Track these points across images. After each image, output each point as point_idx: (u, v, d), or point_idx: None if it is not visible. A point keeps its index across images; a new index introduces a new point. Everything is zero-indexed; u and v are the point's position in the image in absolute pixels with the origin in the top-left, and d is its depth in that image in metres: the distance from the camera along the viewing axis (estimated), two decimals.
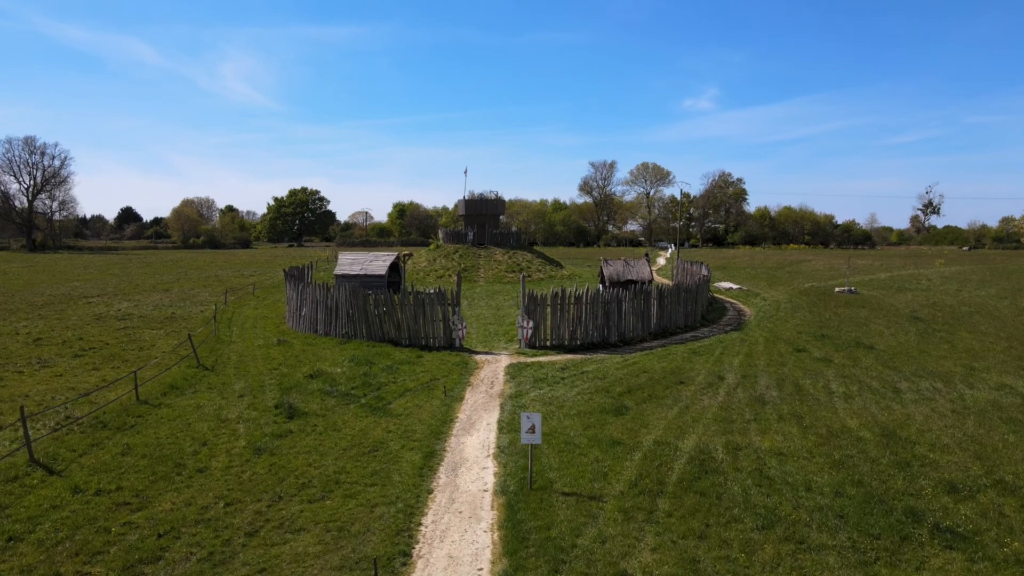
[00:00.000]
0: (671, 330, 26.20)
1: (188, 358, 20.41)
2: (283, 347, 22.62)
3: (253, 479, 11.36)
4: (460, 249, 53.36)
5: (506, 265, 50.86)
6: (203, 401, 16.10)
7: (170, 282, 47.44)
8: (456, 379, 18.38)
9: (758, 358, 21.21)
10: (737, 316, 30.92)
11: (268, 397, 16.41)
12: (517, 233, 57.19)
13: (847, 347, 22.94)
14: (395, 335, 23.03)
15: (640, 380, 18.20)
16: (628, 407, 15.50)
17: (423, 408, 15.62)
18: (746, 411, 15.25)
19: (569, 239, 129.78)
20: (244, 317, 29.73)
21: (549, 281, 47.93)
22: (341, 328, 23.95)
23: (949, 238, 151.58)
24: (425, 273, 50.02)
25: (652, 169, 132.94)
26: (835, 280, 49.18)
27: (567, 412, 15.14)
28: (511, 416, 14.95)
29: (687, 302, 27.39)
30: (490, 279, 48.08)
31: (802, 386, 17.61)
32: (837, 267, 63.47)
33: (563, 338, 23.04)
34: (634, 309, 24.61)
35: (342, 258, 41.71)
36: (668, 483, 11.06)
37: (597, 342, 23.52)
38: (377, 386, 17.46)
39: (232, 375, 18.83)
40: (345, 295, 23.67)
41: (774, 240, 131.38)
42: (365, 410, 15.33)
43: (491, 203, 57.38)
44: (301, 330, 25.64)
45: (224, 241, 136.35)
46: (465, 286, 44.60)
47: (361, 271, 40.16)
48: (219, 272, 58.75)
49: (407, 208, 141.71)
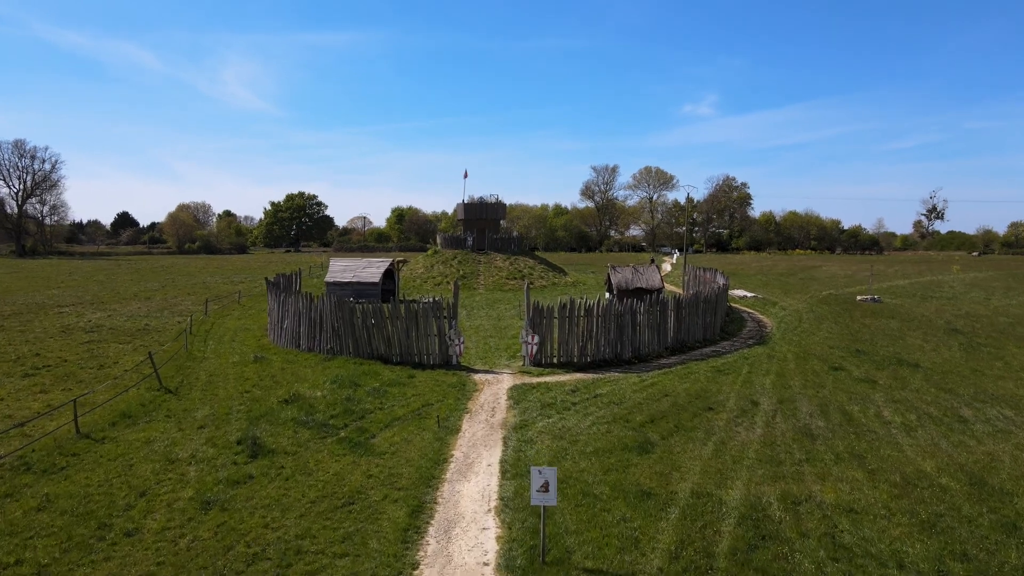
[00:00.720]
0: (689, 344, 23.86)
1: (150, 378, 18.08)
2: (260, 365, 20.28)
3: (192, 547, 9.00)
4: (459, 255, 51.05)
5: (507, 272, 48.54)
6: (155, 434, 13.76)
7: (154, 290, 45.10)
8: (452, 404, 16.04)
9: (791, 378, 18.87)
10: (757, 328, 28.58)
11: (232, 428, 14.06)
12: (518, 238, 54.84)
13: (888, 364, 20.59)
14: (385, 351, 20.69)
15: (662, 406, 15.86)
16: (654, 442, 13.15)
17: (412, 443, 13.27)
18: (794, 448, 12.90)
19: (571, 244, 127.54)
20: (224, 330, 27.38)
21: (552, 289, 45.60)
22: (326, 343, 21.62)
23: (955, 243, 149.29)
24: (422, 280, 47.68)
25: (655, 173, 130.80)
26: (853, 287, 46.86)
27: (582, 449, 12.79)
28: (516, 455, 12.60)
29: (706, 314, 25.06)
30: (490, 286, 45.76)
31: (851, 414, 15.26)
32: (852, 274, 61.18)
33: (572, 354, 20.70)
34: (650, 322, 22.29)
35: (334, 265, 39.42)
36: (718, 555, 8.71)
37: (609, 359, 21.19)
38: (361, 414, 15.11)
39: (197, 399, 16.49)
40: (330, 307, 21.34)
41: (779, 245, 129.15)
42: (344, 446, 12.98)
43: (491, 207, 55.07)
44: (282, 345, 23.29)
45: (220, 246, 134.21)
46: (464, 294, 42.29)
47: (354, 279, 37.85)
48: (208, 279, 56.42)
49: (406, 213, 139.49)
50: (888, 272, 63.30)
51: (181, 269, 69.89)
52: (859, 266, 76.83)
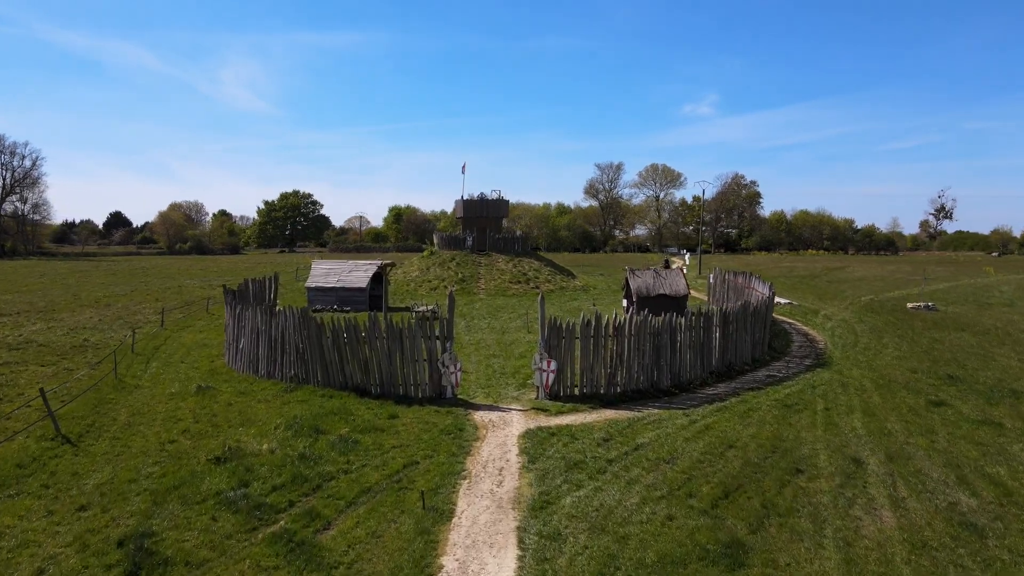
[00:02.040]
0: (737, 367, 19.56)
1: (47, 421, 13.75)
2: (202, 398, 15.94)
3: None
4: (457, 256, 46.67)
5: (510, 275, 44.18)
6: (7, 521, 9.44)
7: (120, 294, 40.75)
8: (444, 463, 11.73)
9: (885, 418, 14.55)
10: (808, 344, 24.24)
11: (124, 513, 9.74)
12: (522, 238, 50.45)
13: (1001, 396, 16.26)
14: (362, 380, 16.37)
15: (731, 466, 11.55)
16: (743, 542, 8.83)
17: (382, 541, 8.95)
18: (959, 552, 8.58)
19: (574, 244, 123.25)
20: (176, 347, 23.06)
21: (560, 294, 41.27)
22: (288, 368, 17.30)
23: (968, 243, 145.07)
24: (417, 284, 43.31)
25: (662, 171, 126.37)
26: (892, 291, 42.52)
27: (639, 557, 8.47)
28: (539, 567, 8.28)
29: (755, 329, 20.74)
30: (492, 291, 41.41)
31: (1001, 481, 10.94)
32: (883, 276, 56.79)
33: (598, 383, 16.40)
34: (692, 341, 17.98)
35: (316, 268, 35.13)
36: None
37: (644, 389, 16.89)
38: (317, 481, 10.81)
39: (100, 455, 12.17)
40: (292, 323, 17.00)
41: (790, 245, 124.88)
42: (278, 549, 8.67)
43: (493, 204, 50.71)
44: (238, 369, 18.96)
45: (212, 247, 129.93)
46: (463, 299, 37.96)
47: (338, 283, 33.52)
48: (188, 281, 52.11)
49: (403, 212, 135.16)
50: (918, 276, 58.92)
51: (162, 271, 65.58)
52: (884, 268, 72.50)
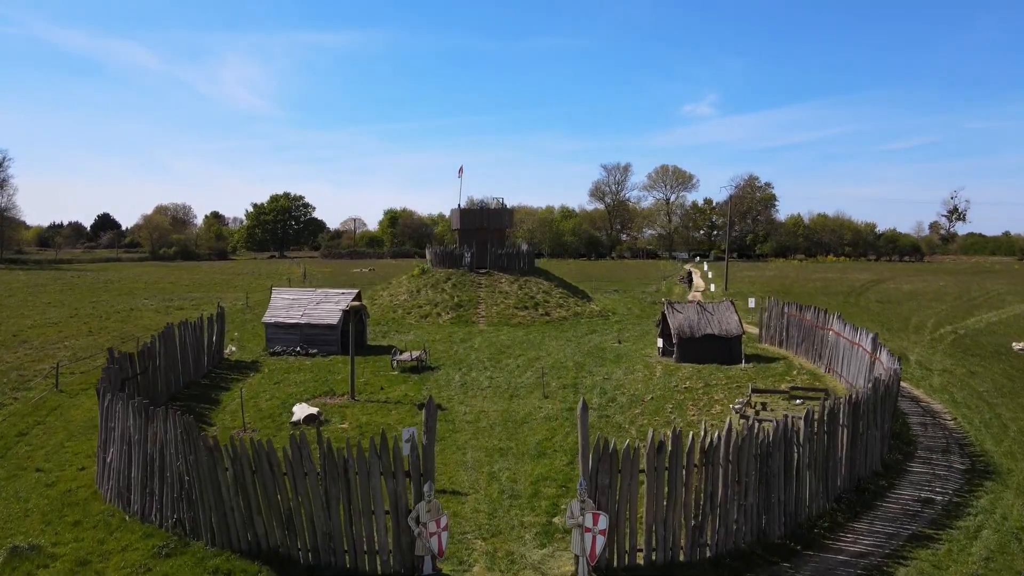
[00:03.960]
0: (865, 482, 13.03)
1: None
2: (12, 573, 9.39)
3: None
4: (453, 276, 39.98)
5: (515, 298, 37.56)
6: None
7: (52, 322, 34.12)
8: None
9: None
10: (932, 421, 17.66)
11: None
12: (529, 253, 43.75)
13: None
14: (281, 539, 9.83)
15: None
16: None
17: None
18: None
19: (579, 250, 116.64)
20: (58, 426, 16.49)
21: (574, 323, 34.68)
22: (171, 508, 10.74)
23: (990, 247, 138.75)
24: (405, 310, 36.64)
25: (673, 172, 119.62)
26: (962, 317, 35.82)
27: None
28: None
29: (884, 418, 14.17)
30: (494, 319, 34.83)
31: None
32: (934, 291, 50.02)
33: (675, 544, 9.89)
34: (812, 454, 11.45)
35: (276, 299, 28.48)
36: None
37: (746, 545, 10.36)
38: None
39: None
40: (174, 434, 10.44)
41: (807, 251, 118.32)
42: None
43: (494, 215, 44.12)
44: (105, 494, 12.31)
45: (199, 252, 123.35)
46: (460, 331, 31.39)
47: (303, 319, 26.90)
48: (148, 300, 45.52)
49: (399, 215, 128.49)
50: (972, 292, 52.19)
51: (127, 284, 58.97)
52: (928, 280, 65.88)
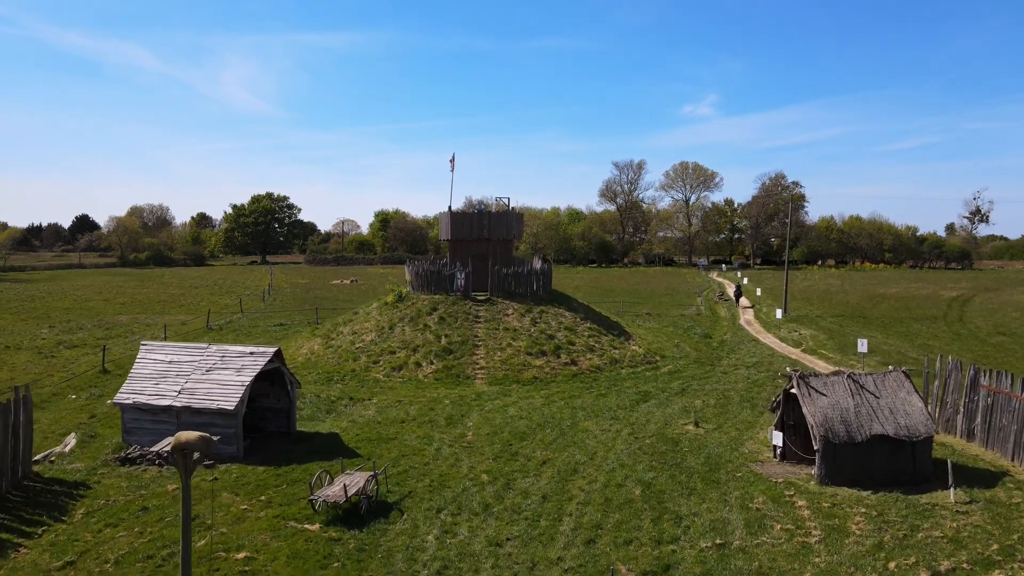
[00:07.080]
0: None
1: None
2: None
3: None
4: (441, 305, 29.07)
5: (527, 338, 26.76)
6: None
7: None
8: None
9: None
10: None
11: None
12: (544, 272, 32.72)
13: None
14: None
15: None
16: None
17: None
18: None
19: (589, 256, 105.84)
20: None
21: (612, 377, 23.93)
22: None
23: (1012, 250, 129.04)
24: (369, 357, 25.78)
25: (693, 170, 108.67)
26: None
27: None
28: None
29: None
30: (498, 372, 24.10)
31: None
32: None
33: None
34: None
35: (143, 359, 17.59)
36: None
37: None
38: None
39: None
40: None
41: (838, 257, 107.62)
42: None
43: (498, 220, 33.06)
44: None
45: (173, 257, 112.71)
46: (449, 393, 20.73)
47: (180, 397, 16.18)
48: (44, 330, 34.81)
49: (391, 217, 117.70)
50: None
51: (51, 301, 48.35)
52: (1014, 291, 55.16)
